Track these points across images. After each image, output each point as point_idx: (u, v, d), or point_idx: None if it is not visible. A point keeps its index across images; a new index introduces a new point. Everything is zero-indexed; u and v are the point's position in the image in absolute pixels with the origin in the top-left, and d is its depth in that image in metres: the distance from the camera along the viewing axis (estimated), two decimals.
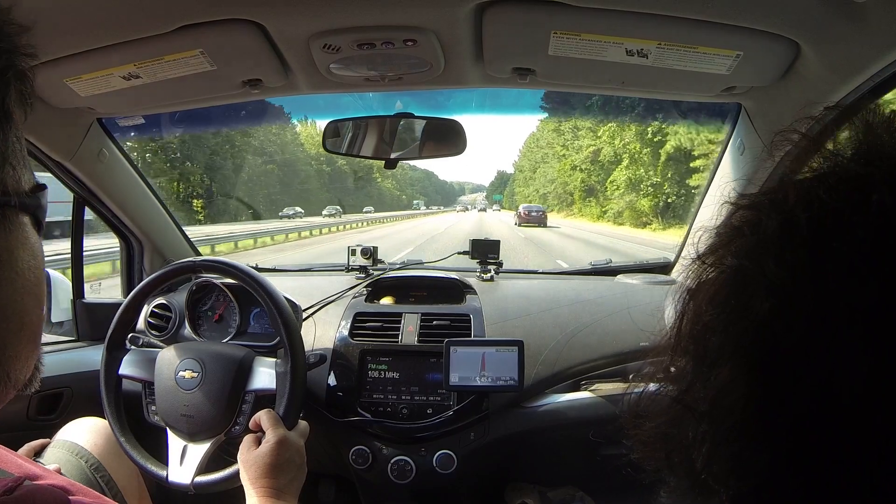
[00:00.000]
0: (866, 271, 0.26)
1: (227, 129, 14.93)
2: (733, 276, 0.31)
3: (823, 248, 0.27)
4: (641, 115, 3.34)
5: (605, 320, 1.26)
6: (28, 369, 0.41)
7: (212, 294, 1.28)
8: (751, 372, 0.29)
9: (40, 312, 0.42)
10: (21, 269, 0.38)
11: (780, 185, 0.32)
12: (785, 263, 0.28)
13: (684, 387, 0.33)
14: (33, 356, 0.42)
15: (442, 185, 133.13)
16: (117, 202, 1.35)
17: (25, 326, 0.39)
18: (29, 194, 0.39)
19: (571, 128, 31.07)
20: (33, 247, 0.40)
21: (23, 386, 0.42)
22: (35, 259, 0.40)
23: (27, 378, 0.42)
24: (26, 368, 0.41)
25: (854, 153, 0.30)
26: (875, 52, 0.76)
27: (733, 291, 0.30)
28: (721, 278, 0.32)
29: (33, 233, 0.40)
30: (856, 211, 0.27)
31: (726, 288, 0.31)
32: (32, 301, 0.40)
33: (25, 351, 0.40)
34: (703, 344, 0.32)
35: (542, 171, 44.74)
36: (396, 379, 1.19)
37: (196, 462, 0.99)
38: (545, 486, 1.25)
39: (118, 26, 0.83)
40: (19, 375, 0.40)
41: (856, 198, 0.27)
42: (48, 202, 0.41)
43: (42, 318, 0.42)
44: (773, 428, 0.28)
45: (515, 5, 0.81)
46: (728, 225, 0.33)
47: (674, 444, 0.33)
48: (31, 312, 0.40)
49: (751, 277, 0.29)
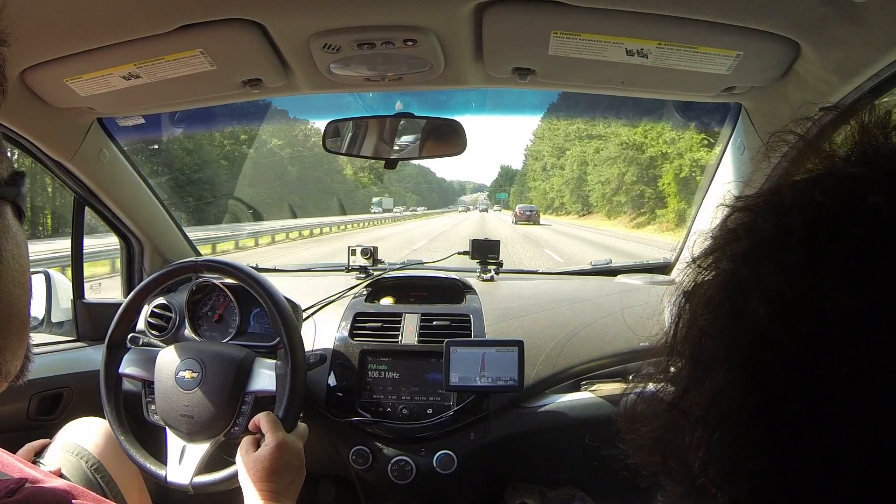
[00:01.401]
0: (863, 276, 0.26)
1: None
2: (728, 280, 0.31)
3: (819, 252, 0.27)
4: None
5: (605, 320, 1.26)
6: (18, 360, 0.41)
7: (212, 294, 1.28)
8: (746, 378, 0.28)
9: (27, 301, 0.41)
10: (6, 258, 0.38)
11: (775, 186, 0.31)
12: (780, 267, 0.28)
13: (680, 391, 0.32)
14: (22, 347, 0.41)
15: (440, 184, 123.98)
16: (117, 202, 1.35)
17: (14, 316, 0.39)
18: (8, 182, 0.38)
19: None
20: (16, 236, 0.39)
21: (14, 377, 0.41)
22: (18, 248, 0.39)
23: (18, 369, 0.41)
24: (17, 359, 0.41)
25: (849, 154, 0.30)
26: (875, 53, 0.76)
27: (728, 296, 0.30)
28: (716, 282, 0.31)
29: (15, 221, 0.39)
30: (852, 214, 0.27)
31: (721, 292, 0.31)
32: (19, 290, 0.39)
33: (15, 342, 0.40)
34: (699, 348, 0.31)
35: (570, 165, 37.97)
36: (396, 379, 1.19)
37: (195, 462, 0.99)
38: (545, 486, 1.25)
39: (118, 26, 0.83)
40: (10, 367, 0.40)
41: (852, 200, 0.27)
42: None
43: (29, 307, 0.42)
44: (769, 434, 0.28)
45: (515, 5, 0.81)
46: (723, 227, 0.32)
47: (670, 448, 0.32)
48: (19, 302, 0.39)
49: (746, 282, 0.29)
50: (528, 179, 64.96)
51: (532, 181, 59.38)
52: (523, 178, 71.94)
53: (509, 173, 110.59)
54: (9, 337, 0.39)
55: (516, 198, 68.06)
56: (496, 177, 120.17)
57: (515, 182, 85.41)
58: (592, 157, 32.05)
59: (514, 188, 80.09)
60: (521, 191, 68.79)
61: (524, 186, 68.63)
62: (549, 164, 48.11)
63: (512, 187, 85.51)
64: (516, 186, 78.81)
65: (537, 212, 29.13)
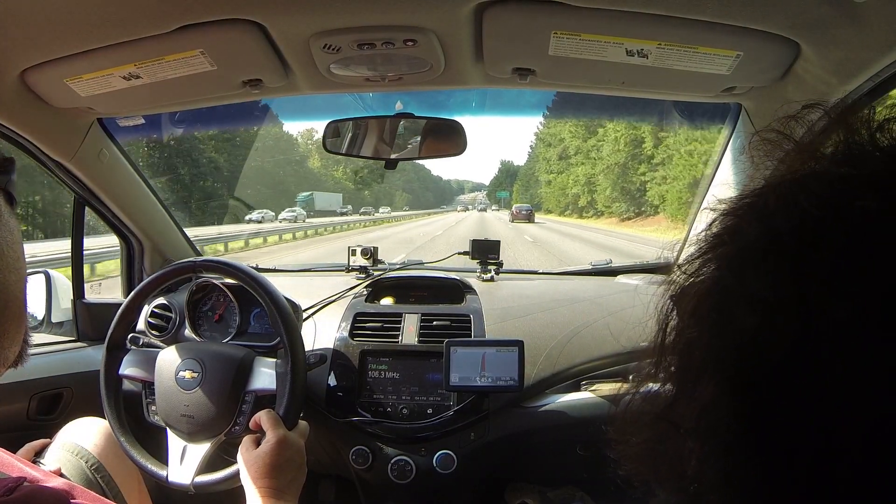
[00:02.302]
0: (852, 284, 0.25)
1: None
2: (714, 287, 0.30)
3: (806, 259, 0.26)
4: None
5: (605, 320, 1.26)
6: (17, 345, 0.41)
7: (212, 294, 1.28)
8: (735, 390, 0.27)
9: (23, 287, 0.41)
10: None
11: (760, 188, 0.30)
12: (766, 275, 0.27)
13: (669, 401, 0.31)
14: (20, 332, 0.41)
15: (436, 182, 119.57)
16: (117, 202, 1.35)
17: (11, 302, 0.39)
18: None
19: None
20: (8, 222, 0.39)
21: (13, 363, 0.42)
22: (12, 234, 0.39)
23: (16, 354, 0.42)
24: (15, 345, 0.41)
25: (833, 153, 0.28)
26: (875, 53, 0.76)
27: (714, 305, 0.29)
28: (702, 289, 0.30)
29: (7, 208, 0.39)
30: (838, 219, 0.26)
31: (708, 300, 0.30)
32: (14, 276, 0.39)
33: (13, 327, 0.40)
34: (687, 358, 0.31)
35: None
36: (396, 379, 1.19)
37: (196, 462, 0.99)
38: (545, 486, 1.25)
39: (118, 26, 0.83)
40: (8, 353, 0.40)
41: (838, 204, 0.26)
42: None
43: (25, 292, 0.42)
44: (760, 447, 0.27)
45: (515, 5, 0.81)
46: (708, 231, 0.32)
47: (661, 459, 0.32)
48: (15, 288, 0.40)
49: (732, 290, 0.28)
50: (538, 172, 54.16)
51: (545, 174, 47.83)
52: (528, 174, 66.49)
53: (510, 170, 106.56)
54: (7, 323, 0.39)
55: (519, 195, 65.02)
56: (496, 174, 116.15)
57: (518, 178, 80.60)
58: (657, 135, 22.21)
59: (517, 185, 75.41)
60: (527, 187, 64.42)
61: (529, 183, 62.75)
62: (571, 147, 37.76)
63: (515, 184, 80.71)
64: (520, 183, 73.83)
65: (532, 211, 34.69)
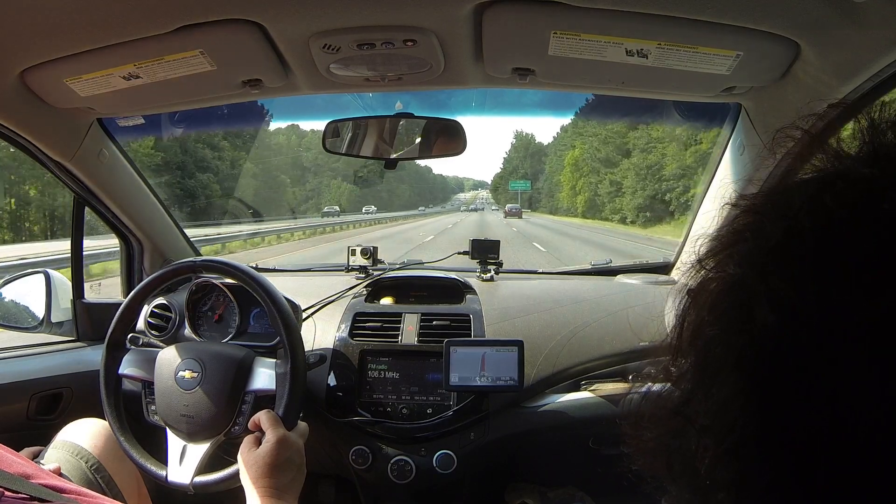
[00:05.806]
0: (877, 286, 0.24)
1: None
2: (734, 284, 0.29)
3: (830, 259, 0.25)
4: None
5: (605, 320, 1.26)
6: None
7: (212, 294, 1.28)
8: (753, 388, 0.27)
9: None
10: None
11: (783, 187, 0.30)
12: (789, 275, 0.26)
13: (685, 397, 0.31)
14: None
15: (433, 180, 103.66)
16: (117, 202, 1.35)
17: None
18: None
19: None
20: None
21: None
22: None
23: None
24: None
25: (858, 153, 0.28)
26: (875, 52, 0.76)
27: (734, 302, 0.29)
28: (722, 286, 0.30)
29: None
30: (864, 221, 0.25)
31: (728, 297, 0.29)
32: None
33: None
34: (705, 355, 0.30)
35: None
36: (396, 379, 1.19)
37: (195, 462, 0.99)
38: (545, 486, 1.25)
39: (118, 26, 0.83)
40: None
41: (864, 206, 0.26)
42: None
43: None
44: (778, 447, 0.27)
45: (515, 5, 0.81)
46: (729, 227, 0.31)
47: (675, 455, 0.31)
48: None
49: (753, 287, 0.28)
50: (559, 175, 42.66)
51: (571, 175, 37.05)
52: (551, 176, 49.42)
53: (532, 148, 73.34)
54: None
55: (548, 198, 50.07)
56: (507, 152, 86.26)
57: (546, 167, 56.31)
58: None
59: (544, 182, 54.14)
60: (551, 192, 48.43)
61: (553, 184, 46.81)
62: (602, 153, 30.04)
63: (546, 166, 56.20)
64: (546, 182, 53.34)
65: (520, 210, 40.92)
